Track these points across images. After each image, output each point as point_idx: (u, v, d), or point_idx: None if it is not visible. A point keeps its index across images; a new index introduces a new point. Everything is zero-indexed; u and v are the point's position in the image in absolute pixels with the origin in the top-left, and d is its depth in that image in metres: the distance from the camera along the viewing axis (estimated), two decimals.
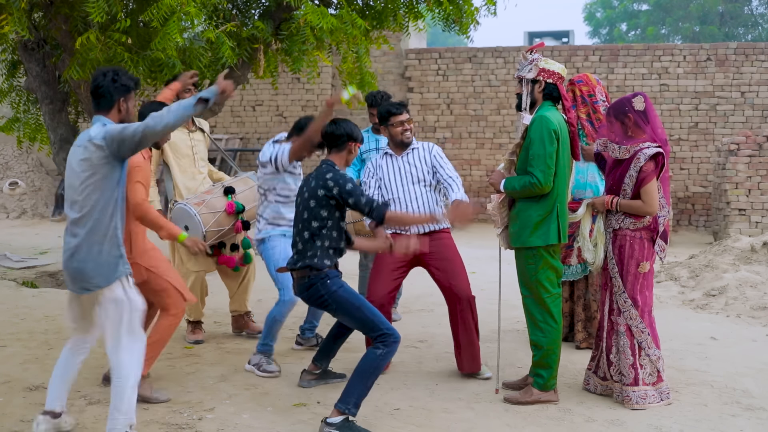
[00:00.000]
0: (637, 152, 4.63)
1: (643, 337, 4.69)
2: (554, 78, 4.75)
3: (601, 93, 5.92)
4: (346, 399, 4.13)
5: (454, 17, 8.29)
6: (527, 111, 4.76)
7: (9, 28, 6.28)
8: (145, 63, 6.72)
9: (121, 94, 3.87)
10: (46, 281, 9.03)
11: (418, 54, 15.92)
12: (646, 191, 4.62)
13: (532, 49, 4.87)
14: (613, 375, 4.76)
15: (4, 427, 4.22)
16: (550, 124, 4.58)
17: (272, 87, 9.25)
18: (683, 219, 14.88)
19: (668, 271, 8.78)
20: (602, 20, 32.04)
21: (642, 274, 4.71)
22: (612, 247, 4.76)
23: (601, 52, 15.43)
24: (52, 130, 8.77)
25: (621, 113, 4.72)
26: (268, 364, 5.24)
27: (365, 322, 4.30)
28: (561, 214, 4.66)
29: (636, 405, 4.60)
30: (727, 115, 14.87)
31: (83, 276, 3.81)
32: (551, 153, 4.56)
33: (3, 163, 16.93)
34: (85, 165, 3.77)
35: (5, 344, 5.94)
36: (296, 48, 7.29)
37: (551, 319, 4.67)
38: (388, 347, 4.23)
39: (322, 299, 4.36)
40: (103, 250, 3.80)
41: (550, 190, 4.61)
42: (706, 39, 26.25)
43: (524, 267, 4.71)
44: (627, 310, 4.70)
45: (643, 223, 4.69)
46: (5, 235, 13.37)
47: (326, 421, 4.09)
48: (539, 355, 4.68)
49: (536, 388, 4.68)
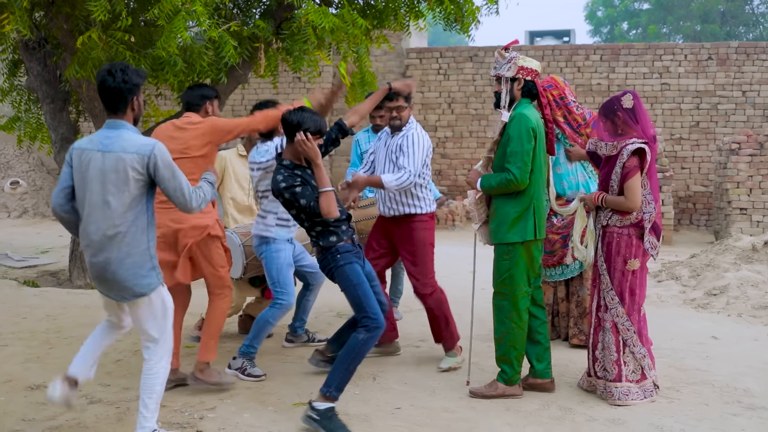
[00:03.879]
0: (622, 148, 4.67)
1: (628, 335, 4.71)
2: (532, 75, 4.84)
3: (570, 94, 6.01)
4: (328, 383, 4.25)
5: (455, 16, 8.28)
6: (506, 109, 4.83)
7: (10, 27, 6.28)
8: (147, 62, 6.72)
9: (133, 94, 3.81)
10: (48, 280, 9.04)
11: (419, 53, 15.93)
12: (628, 186, 4.64)
13: (507, 47, 4.90)
14: (598, 371, 4.78)
15: (6, 426, 4.22)
16: (529, 122, 4.66)
17: (272, 86, 9.25)
18: (684, 218, 14.88)
19: (669, 271, 8.78)
20: (603, 19, 32.04)
21: (631, 272, 4.72)
22: (601, 244, 4.79)
23: (602, 51, 15.43)
24: (53, 129, 8.78)
25: (610, 112, 4.76)
26: (252, 367, 5.16)
27: (356, 301, 4.41)
28: (537, 211, 4.73)
29: (618, 401, 4.62)
30: (728, 114, 14.87)
31: (119, 286, 3.80)
32: (528, 150, 4.64)
33: (4, 163, 16.94)
34: (120, 183, 3.70)
35: (6, 343, 5.95)
36: (297, 47, 7.29)
37: (517, 316, 4.73)
38: (371, 332, 4.32)
39: (330, 272, 4.51)
40: (137, 263, 3.78)
41: (527, 187, 4.68)
42: (707, 38, 26.25)
43: (499, 262, 4.78)
44: (614, 308, 4.72)
45: (630, 219, 4.70)
46: (6, 234, 13.39)
47: (311, 404, 4.21)
48: (501, 350, 4.74)
49: (501, 382, 4.74)
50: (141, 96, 3.91)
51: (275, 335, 6.20)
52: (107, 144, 3.73)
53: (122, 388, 4.75)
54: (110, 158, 3.70)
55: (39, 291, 8.19)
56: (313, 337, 5.99)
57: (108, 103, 3.80)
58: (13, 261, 10.02)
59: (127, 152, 3.70)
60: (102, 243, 3.74)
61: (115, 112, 3.81)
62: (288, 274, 5.32)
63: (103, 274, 3.78)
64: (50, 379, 4.98)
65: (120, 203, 3.72)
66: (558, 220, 5.90)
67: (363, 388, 4.82)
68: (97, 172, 3.72)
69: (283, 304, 5.24)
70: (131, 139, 3.73)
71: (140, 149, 3.71)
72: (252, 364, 5.18)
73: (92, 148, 3.75)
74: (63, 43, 7.61)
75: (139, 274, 3.77)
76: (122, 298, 3.84)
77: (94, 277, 3.86)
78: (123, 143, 3.72)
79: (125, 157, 3.69)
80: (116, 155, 3.70)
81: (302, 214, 4.42)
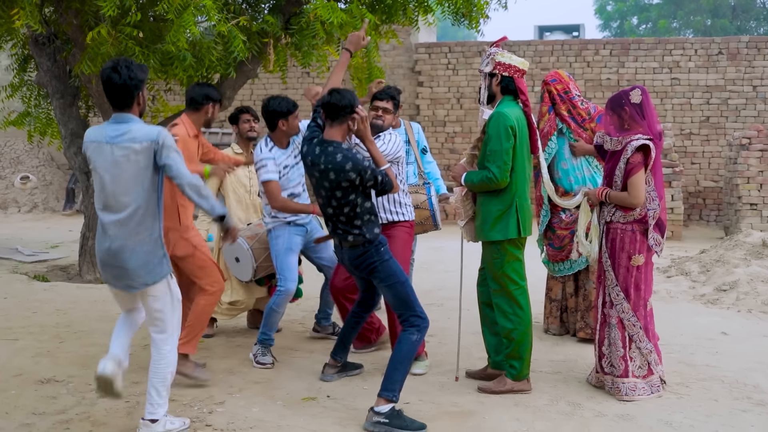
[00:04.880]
0: (627, 144, 4.65)
1: (634, 331, 4.70)
2: (511, 71, 4.78)
3: (575, 88, 5.99)
4: (389, 387, 4.18)
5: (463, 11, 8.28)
6: (485, 105, 4.84)
7: (21, 23, 6.31)
8: (156, 57, 6.73)
9: (139, 89, 3.86)
10: (58, 275, 9.08)
11: (428, 48, 15.90)
12: (631, 183, 4.62)
13: (496, 43, 4.90)
14: (605, 367, 4.77)
15: (17, 420, 4.25)
16: (507, 120, 4.65)
17: (281, 81, 9.26)
18: (694, 213, 14.83)
19: (679, 266, 8.76)
20: (613, 13, 31.88)
21: (636, 267, 4.70)
22: (605, 240, 4.78)
23: (611, 46, 15.36)
24: (62, 124, 8.81)
25: (618, 106, 4.73)
26: (263, 355, 5.29)
27: (404, 299, 4.35)
28: (520, 209, 4.73)
29: (625, 396, 4.62)
30: (738, 109, 14.80)
31: (131, 275, 3.84)
32: (507, 149, 4.65)
33: (14, 158, 17.01)
34: (131, 168, 3.76)
35: (17, 337, 5.98)
36: (306, 42, 7.30)
37: (520, 310, 4.74)
38: (421, 332, 4.32)
39: (373, 265, 4.39)
40: (149, 250, 3.84)
41: (509, 185, 4.69)
42: (717, 32, 26.11)
43: (491, 261, 4.78)
44: (619, 303, 4.71)
45: (634, 215, 4.69)
46: (17, 229, 13.45)
47: (374, 410, 4.14)
48: (511, 346, 4.73)
49: (509, 378, 4.74)
50: (145, 91, 3.97)
51: (284, 330, 6.22)
52: (115, 136, 3.79)
53: (132, 382, 4.77)
54: (120, 149, 3.76)
55: (49, 285, 8.24)
56: (338, 330, 6.00)
57: (114, 100, 3.85)
58: (23, 255, 10.07)
59: (136, 142, 3.76)
60: (115, 231, 3.80)
61: (121, 108, 3.85)
62: (286, 260, 5.35)
63: (114, 263, 3.83)
64: (61, 373, 5.04)
65: (132, 193, 3.78)
66: (567, 216, 5.89)
67: (372, 383, 4.82)
68: (107, 164, 3.78)
69: (281, 291, 5.29)
70: (139, 130, 3.79)
71: (148, 136, 3.77)
72: (265, 352, 5.31)
73: (102, 141, 3.81)
74: (72, 38, 7.64)
75: (152, 262, 3.85)
76: (132, 288, 3.88)
77: (104, 267, 3.90)
78: (132, 134, 3.78)
79: (135, 147, 3.75)
80: (126, 146, 3.76)
81: (365, 194, 4.31)
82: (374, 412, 4.13)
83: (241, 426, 4.19)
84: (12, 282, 8.33)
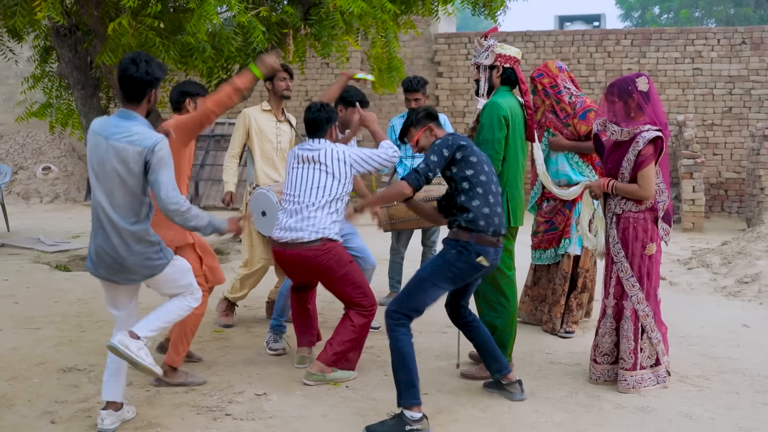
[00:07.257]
0: (636, 135, 4.57)
1: (647, 321, 4.67)
2: (511, 62, 4.87)
3: (564, 80, 5.90)
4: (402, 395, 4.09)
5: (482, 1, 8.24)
6: (484, 96, 4.88)
7: (42, 14, 6.34)
8: (176, 48, 6.75)
9: (153, 87, 3.83)
10: (79, 265, 9.14)
11: (448, 38, 15.84)
12: (643, 175, 4.56)
13: (486, 34, 4.92)
14: (597, 357, 4.75)
15: (39, 408, 4.29)
16: (501, 110, 4.69)
17: (300, 72, 9.26)
18: (716, 205, 14.69)
19: (700, 258, 8.69)
20: (634, 3, 31.61)
21: (648, 257, 4.67)
22: (615, 230, 4.69)
23: (633, 36, 15.23)
24: (83, 115, 8.86)
25: (625, 93, 4.64)
26: (274, 342, 5.37)
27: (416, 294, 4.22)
28: (511, 199, 4.78)
29: (632, 389, 4.60)
30: (762, 99, 14.62)
31: (128, 271, 3.84)
32: (500, 138, 4.69)
33: (36, 148, 17.14)
34: (120, 167, 3.73)
35: (39, 326, 6.04)
36: (325, 33, 7.29)
37: (505, 299, 4.79)
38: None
39: None
40: (145, 246, 3.82)
41: (500, 175, 4.72)
42: (740, 22, 25.81)
43: None
44: (635, 294, 4.66)
45: (645, 204, 4.65)
46: (39, 219, 13.57)
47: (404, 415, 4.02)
48: (494, 335, 4.72)
49: None
50: (158, 90, 3.93)
51: None
52: (114, 133, 3.76)
53: None
54: (114, 148, 3.73)
55: (70, 275, 8.31)
56: None
57: (126, 92, 3.82)
58: (45, 245, 10.15)
59: (132, 144, 3.72)
60: (110, 228, 3.78)
61: (130, 102, 3.83)
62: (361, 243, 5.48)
63: (112, 259, 3.81)
64: (82, 362, 5.09)
65: (122, 192, 3.75)
66: (546, 205, 5.89)
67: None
68: (101, 159, 3.77)
69: None
70: (139, 133, 3.74)
71: (144, 142, 3.72)
72: (277, 338, 5.39)
73: (101, 135, 3.80)
74: (94, 29, 7.67)
75: (150, 258, 3.84)
76: (133, 281, 3.90)
77: (99, 261, 3.86)
78: (131, 136, 3.73)
79: (128, 149, 3.72)
80: (120, 146, 3.73)
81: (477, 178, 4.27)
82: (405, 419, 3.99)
83: (260, 416, 4.21)
84: (34, 272, 8.41)
